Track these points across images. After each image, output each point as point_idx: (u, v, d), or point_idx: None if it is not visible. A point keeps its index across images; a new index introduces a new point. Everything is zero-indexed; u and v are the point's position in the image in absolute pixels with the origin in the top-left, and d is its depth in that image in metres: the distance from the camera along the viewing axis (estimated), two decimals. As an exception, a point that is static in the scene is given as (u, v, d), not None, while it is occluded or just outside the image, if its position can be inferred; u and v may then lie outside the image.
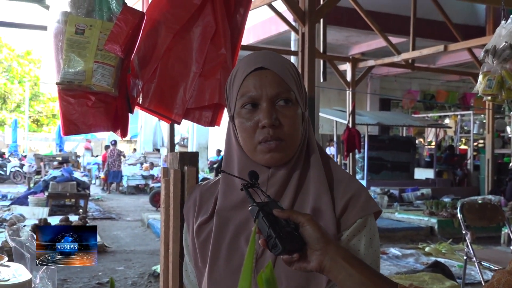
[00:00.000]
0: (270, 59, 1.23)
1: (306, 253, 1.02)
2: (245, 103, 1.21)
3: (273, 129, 1.18)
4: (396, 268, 6.60)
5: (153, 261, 6.91)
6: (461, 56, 13.44)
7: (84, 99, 2.00)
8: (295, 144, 1.22)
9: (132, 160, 18.33)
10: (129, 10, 1.96)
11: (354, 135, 9.87)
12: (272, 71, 1.20)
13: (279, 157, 1.20)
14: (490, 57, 3.32)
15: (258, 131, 1.19)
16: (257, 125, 1.19)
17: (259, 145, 1.20)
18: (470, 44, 9.22)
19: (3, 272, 1.61)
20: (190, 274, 1.37)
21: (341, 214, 1.21)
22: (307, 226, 1.01)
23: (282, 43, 11.68)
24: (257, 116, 1.20)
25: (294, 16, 5.84)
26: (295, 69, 1.27)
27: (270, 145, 1.19)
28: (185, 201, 1.43)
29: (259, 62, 1.22)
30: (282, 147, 1.20)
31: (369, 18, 9.56)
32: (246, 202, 1.13)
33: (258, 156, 1.21)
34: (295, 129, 1.21)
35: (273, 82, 1.20)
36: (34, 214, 9.63)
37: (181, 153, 1.78)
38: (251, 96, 1.20)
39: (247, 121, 1.21)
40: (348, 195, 1.22)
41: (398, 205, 11.31)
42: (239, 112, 1.22)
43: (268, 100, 1.19)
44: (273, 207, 1.05)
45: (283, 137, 1.19)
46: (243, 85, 1.21)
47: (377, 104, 19.06)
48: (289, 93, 1.20)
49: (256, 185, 1.12)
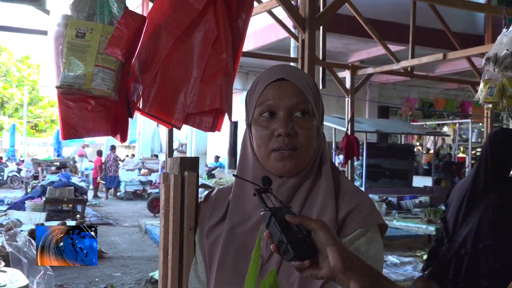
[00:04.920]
0: (291, 71, 1.28)
1: (318, 259, 1.01)
2: (263, 112, 1.25)
3: (288, 138, 1.21)
4: (394, 276, 6.58)
5: (151, 267, 6.88)
6: (460, 65, 13.47)
7: (84, 103, 1.98)
8: (309, 155, 1.25)
9: (130, 166, 18.29)
10: (131, 14, 1.95)
11: (352, 143, 9.86)
12: (292, 83, 1.24)
13: (291, 166, 1.23)
14: (492, 65, 3.32)
15: (273, 139, 1.23)
16: (272, 133, 1.23)
17: (273, 153, 1.23)
18: (469, 53, 9.23)
19: (0, 278, 1.59)
20: (201, 274, 1.39)
21: (342, 223, 1.22)
22: (319, 233, 1.00)
23: (282, 50, 11.70)
24: (273, 125, 1.23)
25: (294, 23, 5.83)
26: (315, 84, 1.31)
27: (283, 154, 1.22)
28: (202, 202, 1.47)
29: (280, 74, 1.26)
30: (295, 156, 1.23)
31: (369, 26, 9.57)
32: (258, 208, 1.15)
33: (270, 164, 1.24)
34: (310, 140, 1.24)
35: (292, 93, 1.24)
36: (31, 219, 9.59)
37: (181, 158, 1.77)
38: (269, 105, 1.24)
39: (263, 129, 1.24)
40: (352, 205, 1.23)
41: (396, 212, 11.29)
42: (257, 120, 1.26)
43: (286, 110, 1.23)
44: (285, 213, 1.04)
45: (297, 146, 1.23)
46: (263, 94, 1.25)
47: (375, 112, 19.09)
48: (307, 105, 1.24)
49: (269, 190, 1.12)
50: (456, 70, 14.36)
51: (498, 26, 7.05)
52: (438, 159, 16.66)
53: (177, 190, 1.73)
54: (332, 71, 10.16)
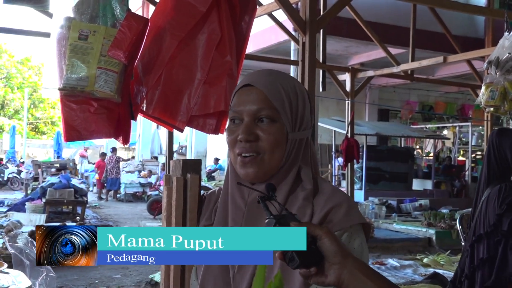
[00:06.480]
0: (260, 77, 1.26)
1: (324, 266, 1.00)
2: (232, 118, 1.26)
3: (249, 143, 1.22)
4: (394, 279, 6.57)
5: (150, 270, 6.86)
6: (460, 68, 13.48)
7: (87, 105, 1.98)
8: (274, 160, 1.24)
9: (130, 168, 18.27)
10: (133, 16, 1.95)
11: (352, 145, 9.86)
12: (258, 89, 1.23)
13: (253, 171, 1.23)
14: (493, 68, 3.32)
15: (237, 144, 1.24)
16: (236, 139, 1.24)
17: (238, 158, 1.25)
18: (469, 56, 9.23)
19: (3, 279, 1.59)
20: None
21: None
22: (325, 239, 0.99)
23: (282, 53, 11.70)
24: (238, 131, 1.24)
25: (294, 26, 5.83)
26: (295, 91, 1.27)
27: (245, 159, 1.23)
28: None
29: (248, 80, 1.26)
30: (257, 161, 1.23)
31: (369, 29, 9.58)
32: (254, 215, 1.16)
33: (238, 170, 1.26)
34: (275, 145, 1.23)
35: (255, 99, 1.23)
36: (31, 221, 9.57)
37: (183, 161, 1.76)
38: (235, 111, 1.25)
39: (230, 135, 1.26)
40: (326, 208, 1.21)
41: (396, 215, 11.29)
42: (228, 126, 1.28)
43: (249, 116, 1.23)
44: (290, 220, 1.02)
45: (259, 151, 1.23)
46: (233, 100, 1.26)
47: (375, 115, 19.08)
48: (271, 111, 1.23)
49: (273, 197, 1.11)
50: (456, 73, 14.36)
51: (499, 30, 7.06)
52: (438, 162, 16.65)
53: (179, 192, 1.73)
54: (332, 74, 10.17)
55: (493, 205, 2.37)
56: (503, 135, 2.58)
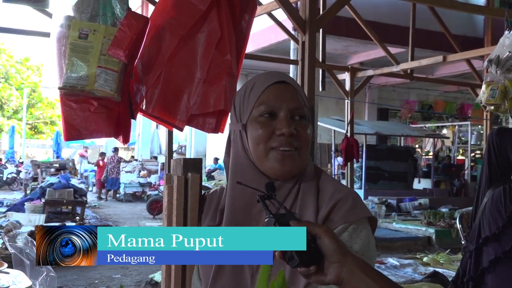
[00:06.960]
0: (287, 77, 1.30)
1: (323, 265, 1.00)
2: (264, 112, 1.24)
3: (290, 138, 1.21)
4: (394, 278, 6.57)
5: (150, 269, 6.86)
6: (459, 67, 13.48)
7: (87, 104, 1.97)
8: (305, 157, 1.26)
9: (129, 168, 18.26)
10: (133, 15, 1.94)
11: (352, 145, 9.85)
12: (293, 87, 1.26)
13: (290, 166, 1.22)
14: (494, 67, 3.31)
15: (273, 137, 1.22)
16: (273, 132, 1.22)
17: (272, 151, 1.22)
18: (468, 55, 9.23)
19: (3, 279, 1.58)
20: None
21: (323, 222, 1.21)
22: (324, 238, 0.99)
23: (281, 52, 11.70)
24: (274, 125, 1.23)
25: (294, 25, 5.83)
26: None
27: (285, 153, 1.21)
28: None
29: (281, 77, 1.28)
30: (295, 156, 1.23)
31: (368, 28, 9.58)
32: (258, 213, 1.15)
33: (269, 164, 1.23)
34: (308, 143, 1.26)
35: (293, 96, 1.25)
36: (31, 221, 9.56)
37: (184, 160, 1.76)
38: (271, 105, 1.24)
39: (263, 128, 1.23)
40: (332, 203, 1.22)
41: (396, 214, 11.29)
42: (255, 119, 1.25)
43: (288, 112, 1.23)
44: (290, 219, 1.02)
45: (298, 147, 1.23)
46: (263, 95, 1.25)
47: (375, 114, 19.10)
48: (304, 110, 1.26)
49: (273, 196, 1.11)
50: (456, 72, 14.37)
51: (498, 29, 7.06)
52: (438, 161, 16.66)
53: (180, 191, 1.72)
54: (332, 73, 10.16)
55: (497, 207, 2.35)
56: (503, 134, 2.57)
